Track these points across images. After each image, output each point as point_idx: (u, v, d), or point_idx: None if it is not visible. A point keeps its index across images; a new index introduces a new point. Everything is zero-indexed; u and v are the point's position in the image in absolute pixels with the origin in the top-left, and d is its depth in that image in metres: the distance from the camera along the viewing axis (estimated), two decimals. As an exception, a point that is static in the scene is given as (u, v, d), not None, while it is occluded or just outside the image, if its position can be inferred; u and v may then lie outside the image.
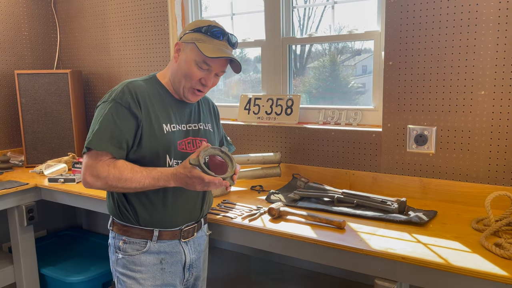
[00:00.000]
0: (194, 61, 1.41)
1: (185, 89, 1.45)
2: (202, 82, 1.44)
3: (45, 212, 2.84)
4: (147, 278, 1.46)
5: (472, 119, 1.81)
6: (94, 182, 1.36)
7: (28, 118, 2.82)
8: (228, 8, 2.65)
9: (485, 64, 1.75)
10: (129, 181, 1.34)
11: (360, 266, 1.43)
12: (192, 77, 1.42)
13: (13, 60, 3.01)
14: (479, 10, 1.74)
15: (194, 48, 1.41)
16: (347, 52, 2.42)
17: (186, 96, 1.47)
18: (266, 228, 1.62)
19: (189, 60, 1.42)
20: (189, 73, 1.42)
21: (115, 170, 1.34)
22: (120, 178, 1.34)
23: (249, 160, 2.19)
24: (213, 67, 1.42)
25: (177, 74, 1.45)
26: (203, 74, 1.43)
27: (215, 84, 1.50)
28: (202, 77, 1.43)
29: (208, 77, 1.44)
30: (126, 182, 1.34)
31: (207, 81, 1.44)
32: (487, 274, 1.21)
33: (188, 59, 1.42)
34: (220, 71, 1.46)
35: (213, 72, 1.44)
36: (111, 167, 1.34)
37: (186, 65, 1.42)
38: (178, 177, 1.34)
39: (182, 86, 1.45)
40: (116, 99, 1.39)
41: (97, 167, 1.35)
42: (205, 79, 1.43)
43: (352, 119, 2.21)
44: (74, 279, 2.47)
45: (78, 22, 3.12)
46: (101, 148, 1.35)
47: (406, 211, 1.71)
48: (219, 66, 1.44)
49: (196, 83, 1.44)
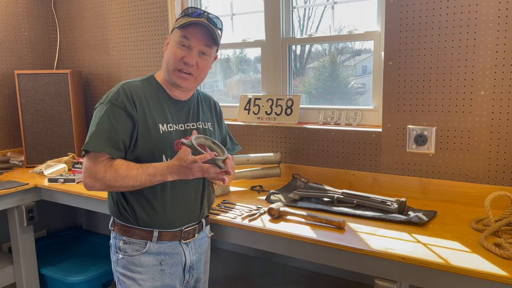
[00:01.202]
0: (175, 43, 1.43)
1: (171, 73, 1.45)
2: (184, 60, 1.42)
3: (45, 212, 2.84)
4: (146, 279, 1.46)
5: (472, 119, 1.81)
6: (93, 183, 1.37)
7: (28, 118, 2.82)
8: (228, 8, 2.65)
9: (485, 65, 1.75)
10: (126, 178, 1.34)
11: (359, 266, 1.43)
12: (174, 57, 1.43)
13: (13, 60, 3.01)
14: (478, 10, 1.74)
15: (175, 31, 1.44)
16: (347, 52, 2.42)
17: (174, 80, 1.45)
18: (266, 228, 1.62)
19: (172, 44, 1.44)
20: (172, 55, 1.43)
21: (111, 170, 1.34)
22: (117, 177, 1.34)
23: (249, 160, 2.19)
24: (193, 41, 1.42)
25: (164, 63, 1.47)
26: (184, 53, 1.42)
27: (202, 66, 1.45)
28: (183, 55, 1.42)
29: (190, 55, 1.42)
30: (123, 180, 1.34)
31: (188, 59, 1.42)
32: (486, 274, 1.21)
33: (171, 44, 1.45)
34: (203, 45, 1.43)
35: (194, 49, 1.43)
36: (107, 167, 1.35)
37: (170, 49, 1.45)
38: (173, 169, 1.34)
39: (169, 71, 1.45)
40: (111, 100, 1.40)
41: (94, 168, 1.36)
42: (186, 57, 1.42)
43: (352, 119, 2.21)
44: (74, 279, 2.47)
45: (78, 22, 3.12)
46: (99, 150, 1.36)
47: (406, 211, 1.71)
48: (198, 39, 1.42)
49: (178, 63, 1.43)
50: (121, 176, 1.34)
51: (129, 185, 1.35)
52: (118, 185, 1.36)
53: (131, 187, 1.37)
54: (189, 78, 1.45)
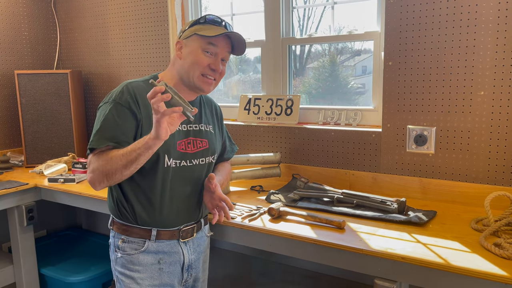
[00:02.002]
0: (200, 48, 1.43)
1: (195, 79, 1.45)
2: (212, 67, 1.44)
3: (45, 212, 2.84)
4: (145, 277, 1.46)
5: (471, 119, 1.81)
6: (92, 177, 1.36)
7: (28, 118, 2.82)
8: (228, 8, 2.66)
9: (485, 65, 1.75)
10: (117, 158, 1.29)
11: (359, 266, 1.43)
12: (200, 63, 1.43)
13: (13, 60, 3.01)
14: (478, 10, 1.74)
15: (196, 38, 1.44)
16: (346, 53, 2.43)
17: (198, 85, 1.46)
18: (266, 228, 1.62)
19: (194, 50, 1.44)
20: (196, 60, 1.43)
21: (103, 155, 1.34)
22: (107, 159, 1.31)
23: (249, 160, 2.20)
24: (219, 48, 1.44)
25: (184, 68, 1.45)
26: (210, 60, 1.44)
27: (223, 73, 1.50)
28: (210, 62, 1.44)
29: (216, 62, 1.45)
30: (112, 160, 1.30)
31: (216, 65, 1.44)
32: (486, 274, 1.21)
33: (193, 49, 1.44)
34: (226, 52, 1.47)
35: (219, 56, 1.45)
36: (101, 155, 1.34)
37: (192, 55, 1.44)
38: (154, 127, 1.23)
39: (192, 76, 1.45)
40: (116, 99, 1.40)
41: (92, 161, 1.36)
42: (214, 64, 1.44)
43: (352, 119, 2.21)
44: (74, 279, 2.47)
45: (78, 22, 3.13)
46: (102, 146, 1.35)
47: (406, 211, 1.71)
48: (223, 47, 1.45)
49: (205, 69, 1.44)
50: (110, 157, 1.31)
51: (122, 164, 1.29)
52: (110, 168, 1.31)
53: (121, 167, 1.30)
54: (212, 83, 1.48)
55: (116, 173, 1.33)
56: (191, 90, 1.50)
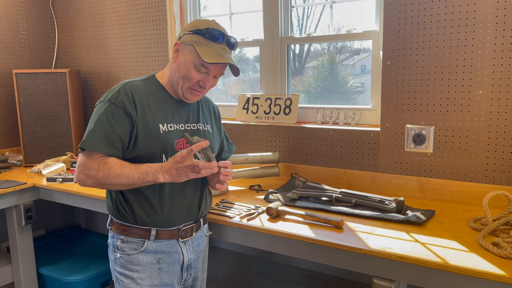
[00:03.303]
0: (192, 64, 1.42)
1: (183, 89, 1.46)
2: (201, 84, 1.45)
3: (43, 212, 2.84)
4: (144, 277, 1.46)
5: (470, 118, 1.81)
6: (85, 180, 1.38)
7: (26, 118, 2.81)
8: (226, 7, 2.65)
9: (483, 64, 1.75)
10: (118, 177, 1.34)
11: (358, 266, 1.43)
12: (190, 79, 1.43)
13: (11, 60, 3.00)
14: (477, 9, 1.74)
15: (193, 51, 1.41)
16: (345, 52, 2.43)
17: (186, 96, 1.48)
18: (264, 228, 1.62)
19: (188, 62, 1.42)
20: (187, 75, 1.43)
21: (104, 167, 1.34)
22: (109, 175, 1.34)
23: (247, 159, 2.19)
24: (212, 70, 1.43)
25: (175, 75, 1.46)
26: (201, 77, 1.43)
27: (213, 85, 1.50)
28: (200, 79, 1.44)
29: (207, 80, 1.45)
30: (115, 178, 1.34)
31: (205, 83, 1.45)
32: (484, 273, 1.21)
33: (187, 61, 1.43)
34: (219, 74, 1.47)
35: (211, 75, 1.45)
36: (101, 164, 1.35)
37: (185, 67, 1.43)
38: (166, 167, 1.33)
39: (180, 86, 1.46)
40: (111, 99, 1.40)
41: (89, 165, 1.36)
42: (203, 82, 1.44)
43: (351, 118, 2.21)
44: (73, 279, 2.47)
45: (76, 21, 3.12)
46: (95, 149, 1.36)
47: (404, 211, 1.71)
48: (217, 70, 1.44)
49: (194, 85, 1.45)
50: (114, 175, 1.34)
51: (121, 183, 1.35)
52: (110, 183, 1.35)
53: (123, 186, 1.37)
54: (200, 95, 1.50)
55: (115, 188, 1.39)
56: (175, 94, 1.50)
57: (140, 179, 1.35)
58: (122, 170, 1.34)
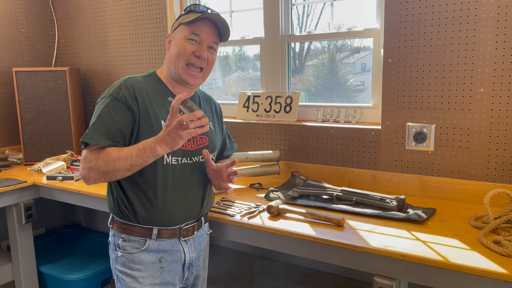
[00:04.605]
0: (183, 38, 1.43)
1: (180, 70, 1.44)
2: (196, 54, 1.43)
3: (43, 210, 2.84)
4: (146, 276, 1.46)
5: (471, 116, 1.81)
6: (88, 174, 1.35)
7: (26, 116, 2.81)
8: (227, 5, 2.65)
9: (485, 62, 1.75)
10: (117, 159, 1.30)
11: (359, 264, 1.43)
12: (184, 52, 1.42)
13: (11, 58, 3.00)
14: (478, 7, 1.73)
15: (181, 27, 1.44)
16: (346, 50, 2.42)
17: (183, 78, 1.45)
18: (265, 226, 1.62)
19: (179, 40, 1.44)
20: (180, 50, 1.43)
21: (102, 154, 1.33)
22: (108, 160, 1.31)
23: (248, 158, 2.19)
24: (202, 36, 1.43)
25: (171, 59, 1.46)
26: (194, 47, 1.43)
27: (211, 61, 1.47)
28: (194, 49, 1.42)
29: (201, 49, 1.43)
30: (114, 162, 1.30)
31: (200, 52, 1.43)
32: (486, 271, 1.21)
33: (178, 40, 1.44)
34: (212, 42, 1.45)
35: (204, 44, 1.44)
36: (99, 153, 1.34)
37: (177, 45, 1.44)
38: (160, 138, 1.28)
39: (177, 68, 1.44)
40: (113, 94, 1.39)
41: (88, 157, 1.35)
42: (198, 51, 1.43)
43: (351, 116, 2.21)
44: (73, 277, 2.47)
45: (76, 19, 3.11)
46: (95, 142, 1.35)
47: (405, 209, 1.71)
48: (208, 35, 1.43)
49: (190, 57, 1.43)
50: (113, 159, 1.31)
51: (121, 167, 1.31)
52: (112, 169, 1.32)
53: (124, 170, 1.32)
54: (198, 75, 1.46)
55: (118, 174, 1.34)
56: (178, 83, 1.49)
57: (139, 156, 1.30)
58: (120, 153, 1.31)
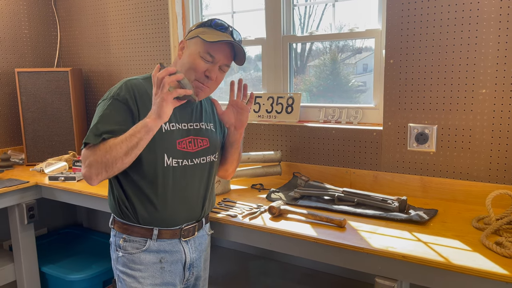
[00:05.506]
0: (198, 53, 1.41)
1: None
2: (206, 74, 1.42)
3: (45, 210, 2.84)
4: (146, 276, 1.46)
5: (473, 117, 1.80)
6: (89, 170, 1.33)
7: (28, 116, 2.82)
8: (228, 6, 2.65)
9: (486, 62, 1.75)
10: (114, 146, 1.29)
11: (360, 265, 1.43)
12: (196, 69, 1.41)
13: (13, 58, 3.01)
14: (480, 7, 1.73)
15: (198, 41, 1.42)
16: (347, 51, 2.42)
17: None
18: (266, 227, 1.62)
19: (193, 53, 1.42)
20: (193, 65, 1.41)
21: (99, 146, 1.32)
22: (106, 149, 1.30)
23: (249, 158, 2.19)
24: (217, 57, 1.41)
25: (181, 70, 1.44)
26: (207, 66, 1.42)
27: (219, 80, 1.48)
28: (206, 68, 1.42)
29: (213, 69, 1.42)
30: (111, 150, 1.29)
31: (211, 72, 1.42)
32: (487, 272, 1.21)
33: (192, 53, 1.42)
34: (224, 64, 1.45)
35: (217, 64, 1.43)
36: (96, 147, 1.32)
37: (190, 58, 1.42)
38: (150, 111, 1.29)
39: None
40: (114, 95, 1.39)
41: (87, 154, 1.34)
42: (209, 71, 1.42)
43: (353, 117, 2.21)
44: (75, 277, 2.48)
45: (78, 20, 3.12)
46: (98, 141, 1.34)
47: (407, 210, 1.71)
48: (223, 57, 1.42)
49: (200, 76, 1.42)
50: (109, 146, 1.30)
51: (119, 151, 1.29)
52: (109, 157, 1.29)
53: (124, 155, 1.29)
54: (206, 90, 1.46)
55: (117, 161, 1.30)
56: None
57: (133, 136, 1.28)
58: (116, 139, 1.30)
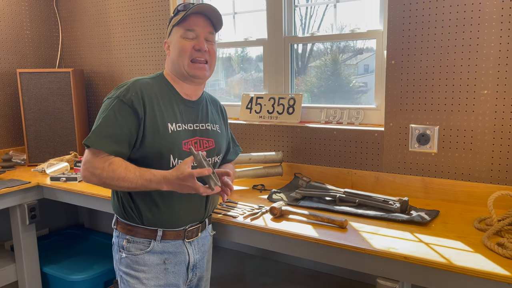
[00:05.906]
0: (180, 37, 1.46)
1: (186, 67, 1.46)
2: (196, 48, 1.45)
3: (47, 211, 2.85)
4: (150, 278, 1.46)
5: (474, 118, 1.80)
6: (90, 177, 1.38)
7: (30, 117, 2.82)
8: (230, 7, 2.65)
9: (488, 63, 1.75)
10: (122, 180, 1.34)
11: (362, 266, 1.43)
12: (184, 49, 1.45)
13: (15, 59, 3.01)
14: (482, 8, 1.73)
15: (175, 30, 1.47)
16: (349, 51, 2.42)
17: (191, 73, 1.47)
18: (268, 227, 1.62)
19: (176, 41, 1.47)
20: (180, 49, 1.45)
21: (109, 168, 1.34)
22: (113, 177, 1.34)
23: (251, 159, 2.19)
24: (197, 30, 1.45)
25: (174, 61, 1.48)
26: (192, 42, 1.45)
27: (212, 52, 1.49)
28: (193, 45, 1.45)
29: (199, 42, 1.46)
30: (119, 181, 1.34)
31: (199, 45, 1.45)
32: (489, 273, 1.21)
33: (175, 41, 1.47)
34: (208, 32, 1.48)
35: (201, 36, 1.46)
36: (106, 164, 1.34)
37: (176, 46, 1.47)
38: (170, 179, 1.32)
39: (182, 66, 1.46)
40: (120, 96, 1.39)
41: (93, 163, 1.36)
42: (197, 45, 1.45)
43: (354, 118, 2.21)
44: (76, 278, 2.48)
45: (80, 21, 3.12)
46: (99, 147, 1.35)
47: (408, 211, 1.71)
48: (201, 27, 1.46)
49: (191, 53, 1.45)
50: (117, 177, 1.34)
51: (124, 186, 1.35)
52: (114, 185, 1.36)
53: (126, 189, 1.37)
54: (205, 67, 1.48)
55: (118, 188, 1.39)
56: (187, 80, 1.50)
57: (143, 186, 1.35)
58: (127, 174, 1.33)
